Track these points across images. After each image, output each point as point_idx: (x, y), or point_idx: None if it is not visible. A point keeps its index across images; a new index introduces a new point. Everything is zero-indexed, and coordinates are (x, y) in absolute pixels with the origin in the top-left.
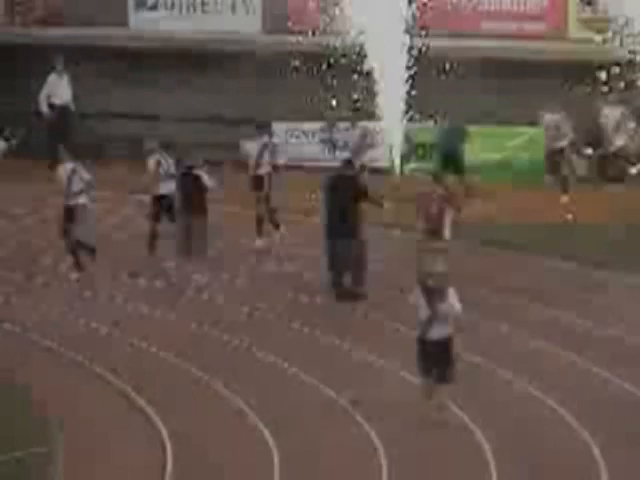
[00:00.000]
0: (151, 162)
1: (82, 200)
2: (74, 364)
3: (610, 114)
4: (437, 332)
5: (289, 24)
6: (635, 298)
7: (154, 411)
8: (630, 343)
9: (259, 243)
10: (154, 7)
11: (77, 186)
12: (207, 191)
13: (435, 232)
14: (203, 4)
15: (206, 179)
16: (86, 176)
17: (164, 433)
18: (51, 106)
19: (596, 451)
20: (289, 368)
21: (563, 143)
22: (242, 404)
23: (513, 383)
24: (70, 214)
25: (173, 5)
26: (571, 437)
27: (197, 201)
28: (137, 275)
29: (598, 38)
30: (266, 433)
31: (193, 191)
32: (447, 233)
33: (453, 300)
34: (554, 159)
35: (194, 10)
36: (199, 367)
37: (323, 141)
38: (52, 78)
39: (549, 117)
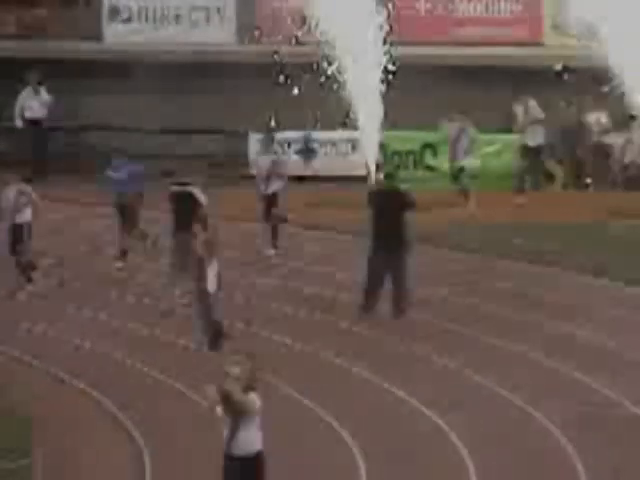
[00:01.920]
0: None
1: (28, 218)
2: (57, 380)
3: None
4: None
5: (262, 35)
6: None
7: (136, 428)
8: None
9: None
10: (128, 20)
11: (22, 204)
12: (201, 207)
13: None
14: (177, 16)
15: (200, 196)
16: (29, 193)
17: (146, 452)
18: (27, 120)
19: None
20: (281, 385)
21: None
22: None
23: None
24: (19, 232)
25: (147, 17)
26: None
27: (190, 219)
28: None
29: (572, 43)
30: None
31: (187, 208)
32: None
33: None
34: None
35: (168, 22)
36: (183, 383)
37: (299, 151)
38: (25, 92)
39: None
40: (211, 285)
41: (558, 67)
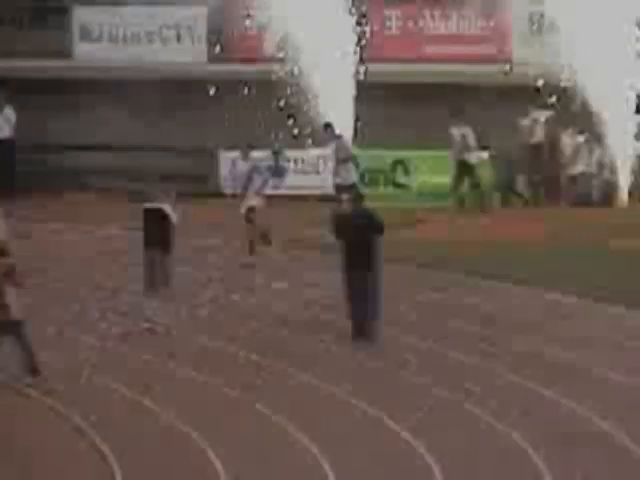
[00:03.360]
0: None
1: None
2: (28, 398)
3: (569, 141)
4: None
5: (234, 53)
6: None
7: (109, 448)
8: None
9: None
10: (98, 39)
11: None
12: (172, 224)
13: None
14: (148, 34)
15: (171, 213)
16: None
17: (117, 469)
18: None
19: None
20: (259, 406)
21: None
22: (201, 441)
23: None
24: None
25: (117, 36)
26: None
27: (161, 235)
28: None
29: (541, 61)
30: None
31: (157, 225)
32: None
33: None
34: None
35: (139, 41)
36: (153, 400)
37: (270, 169)
38: None
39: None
40: (18, 313)
41: (538, 83)
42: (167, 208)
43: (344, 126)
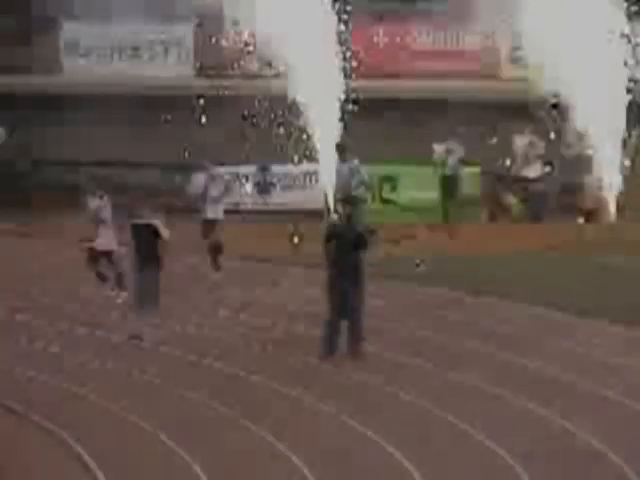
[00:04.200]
0: None
1: None
2: (10, 412)
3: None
4: None
5: (219, 69)
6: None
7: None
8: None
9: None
10: (86, 54)
11: None
12: (161, 239)
13: None
14: (135, 49)
15: (160, 228)
16: None
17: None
18: None
19: None
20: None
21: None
22: (187, 457)
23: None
24: None
25: (105, 51)
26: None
27: (149, 250)
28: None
29: (530, 77)
30: None
31: (145, 240)
32: None
33: None
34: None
35: (126, 56)
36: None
37: (257, 184)
38: None
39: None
40: None
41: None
42: (157, 224)
43: (331, 142)
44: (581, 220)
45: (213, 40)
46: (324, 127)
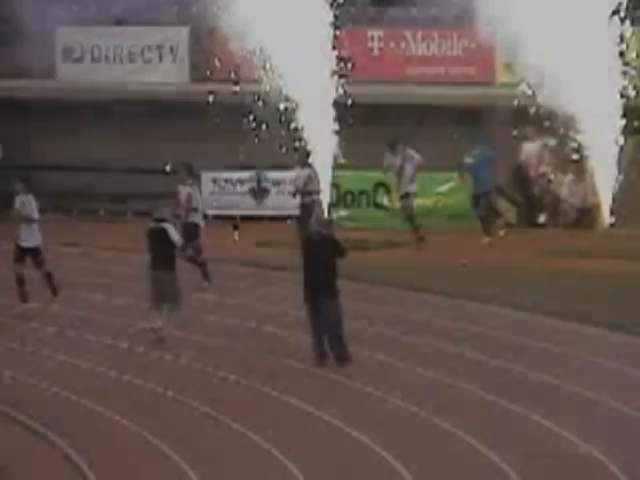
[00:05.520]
0: None
1: None
2: (7, 419)
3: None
4: None
5: (216, 74)
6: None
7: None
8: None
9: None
10: (80, 59)
11: None
12: (174, 245)
13: None
14: (130, 54)
15: (173, 233)
16: None
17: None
18: None
19: None
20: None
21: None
22: (186, 467)
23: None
24: None
25: (99, 56)
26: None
27: (164, 255)
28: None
29: (524, 83)
30: None
31: (162, 245)
32: None
33: None
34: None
35: (121, 60)
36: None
37: (251, 190)
38: None
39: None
40: None
41: (521, 104)
42: (169, 228)
43: (326, 147)
44: None
45: (208, 45)
46: (318, 132)
